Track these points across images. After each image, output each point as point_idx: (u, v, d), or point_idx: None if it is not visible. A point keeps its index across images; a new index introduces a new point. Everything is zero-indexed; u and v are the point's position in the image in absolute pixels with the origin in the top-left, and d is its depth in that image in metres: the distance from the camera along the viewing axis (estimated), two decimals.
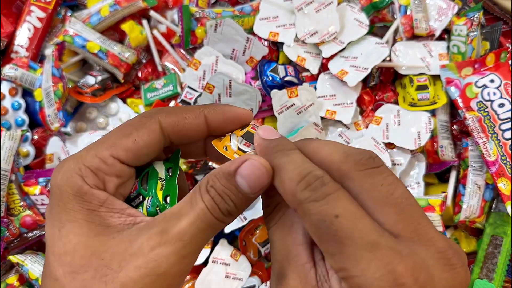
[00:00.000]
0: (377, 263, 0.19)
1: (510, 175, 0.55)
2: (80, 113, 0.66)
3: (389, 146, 0.61)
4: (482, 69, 0.59)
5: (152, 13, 0.64)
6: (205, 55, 0.61)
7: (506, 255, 0.56)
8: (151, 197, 0.25)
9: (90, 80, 0.63)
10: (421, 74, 0.61)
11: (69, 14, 0.67)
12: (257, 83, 0.61)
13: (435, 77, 0.62)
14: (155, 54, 0.65)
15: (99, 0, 0.65)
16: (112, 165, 0.24)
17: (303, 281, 0.21)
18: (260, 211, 0.57)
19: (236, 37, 0.61)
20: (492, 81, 0.58)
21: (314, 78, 0.63)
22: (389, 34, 0.62)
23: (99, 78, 0.63)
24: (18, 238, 0.57)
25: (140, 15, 0.65)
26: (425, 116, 0.60)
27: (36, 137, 0.63)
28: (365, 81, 0.62)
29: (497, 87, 0.57)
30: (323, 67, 0.62)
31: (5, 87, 0.61)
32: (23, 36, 0.64)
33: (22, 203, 0.57)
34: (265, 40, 0.62)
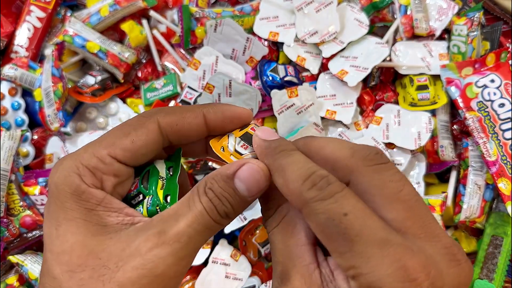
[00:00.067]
0: (388, 260, 0.18)
1: (510, 175, 0.55)
2: (79, 113, 0.66)
3: (389, 145, 0.61)
4: (482, 69, 0.59)
5: (152, 13, 0.64)
6: (205, 55, 0.61)
7: (507, 255, 0.56)
8: (151, 196, 0.25)
9: (90, 80, 0.63)
10: (421, 74, 0.61)
11: (69, 14, 0.67)
12: (257, 83, 0.61)
13: (435, 77, 0.62)
14: (155, 54, 0.65)
15: (98, 0, 0.64)
16: (110, 164, 0.24)
17: (308, 282, 0.21)
18: (260, 211, 0.56)
19: (236, 37, 0.61)
20: (492, 81, 0.58)
21: (314, 78, 0.63)
22: (389, 34, 0.62)
23: (99, 78, 0.63)
24: (18, 238, 0.57)
25: (140, 15, 0.65)
26: (425, 116, 0.60)
27: (35, 137, 0.63)
28: (365, 81, 0.62)
29: (498, 87, 0.57)
30: (323, 67, 0.62)
31: (4, 87, 0.61)
32: (23, 36, 0.64)
33: (22, 203, 0.57)
34: (265, 40, 0.62)
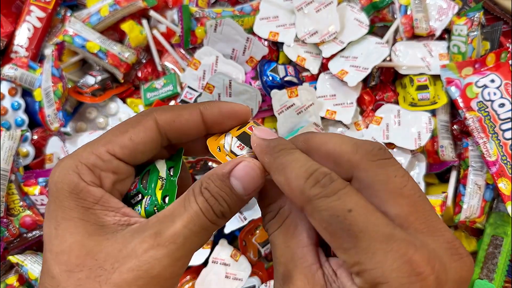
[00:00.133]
0: (394, 254, 0.19)
1: (510, 175, 0.55)
2: (79, 113, 0.66)
3: (389, 146, 0.61)
4: (482, 69, 0.59)
5: (152, 13, 0.64)
6: (205, 55, 0.61)
7: (507, 255, 0.56)
8: (150, 196, 0.25)
9: (90, 80, 0.63)
10: (421, 74, 0.61)
11: (68, 14, 0.67)
12: (257, 83, 0.61)
13: (436, 77, 0.62)
14: (155, 54, 0.65)
15: (98, 0, 0.64)
16: (108, 161, 0.24)
17: (311, 282, 0.21)
18: (260, 211, 0.56)
19: (236, 37, 0.61)
20: (492, 81, 0.58)
21: (314, 78, 0.63)
22: (389, 34, 0.62)
23: (99, 78, 0.63)
24: (17, 238, 0.57)
25: (140, 15, 0.65)
26: (425, 116, 0.60)
27: (35, 137, 0.62)
28: (365, 81, 0.62)
29: (498, 87, 0.57)
30: (323, 67, 0.62)
31: (4, 87, 0.61)
32: (22, 36, 0.64)
33: (21, 203, 0.57)
34: (265, 40, 0.62)
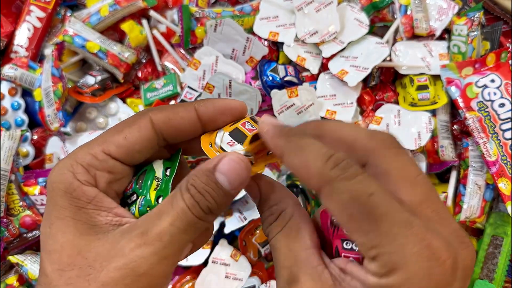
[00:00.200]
0: (414, 239, 0.19)
1: (510, 175, 0.55)
2: (79, 113, 0.66)
3: None
4: (482, 69, 0.59)
5: (152, 13, 0.64)
6: (205, 55, 0.61)
7: (507, 255, 0.56)
8: (143, 196, 0.25)
9: (90, 80, 0.63)
10: (421, 74, 0.61)
11: (68, 14, 0.67)
12: (257, 83, 0.61)
13: (436, 77, 0.62)
14: (154, 54, 0.65)
15: (98, 0, 0.64)
16: (103, 160, 0.24)
17: (318, 283, 0.21)
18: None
19: (236, 37, 0.61)
20: (492, 81, 0.58)
21: (314, 78, 0.63)
22: (389, 34, 0.62)
23: (99, 78, 0.63)
24: (17, 238, 0.57)
25: (140, 15, 0.65)
26: (425, 116, 0.60)
27: (35, 137, 0.62)
28: (365, 81, 0.62)
29: (498, 87, 0.57)
30: (323, 67, 0.62)
31: (4, 87, 0.61)
32: (22, 36, 0.64)
33: (21, 203, 0.57)
34: (265, 40, 0.62)
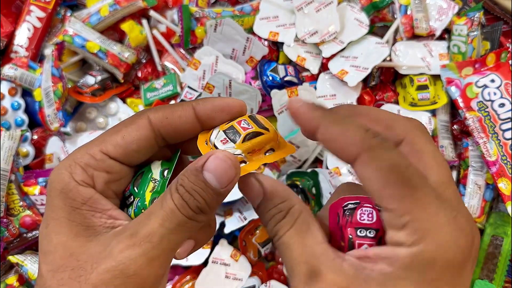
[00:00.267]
0: (444, 210, 0.20)
1: (510, 175, 0.55)
2: (79, 113, 0.66)
3: None
4: (482, 69, 0.59)
5: (152, 13, 0.64)
6: (205, 55, 0.61)
7: (507, 255, 0.56)
8: (139, 198, 0.25)
9: (90, 80, 0.63)
10: (421, 74, 0.61)
11: (68, 14, 0.67)
12: (257, 83, 0.61)
13: (436, 77, 0.62)
14: (154, 54, 0.65)
15: (98, 0, 0.64)
16: (101, 160, 0.24)
17: (341, 274, 0.21)
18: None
19: (236, 37, 0.61)
20: (492, 81, 0.58)
21: (314, 78, 0.63)
22: (389, 34, 0.62)
23: (99, 78, 0.63)
24: (17, 238, 0.57)
25: (140, 15, 0.65)
26: (425, 116, 0.60)
27: (35, 137, 0.62)
28: (365, 81, 0.62)
29: (498, 87, 0.57)
30: (323, 67, 0.62)
31: (4, 87, 0.61)
32: (22, 36, 0.64)
33: (21, 203, 0.57)
34: (265, 40, 0.62)
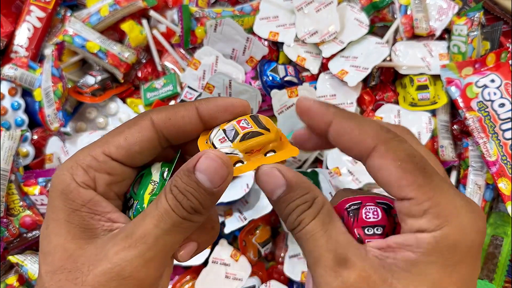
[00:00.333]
0: (459, 196, 0.22)
1: (510, 175, 0.55)
2: (79, 113, 0.66)
3: None
4: (482, 69, 0.59)
5: (152, 13, 0.64)
6: (205, 55, 0.61)
7: (507, 255, 0.56)
8: (138, 200, 0.25)
9: (90, 80, 0.63)
10: (421, 74, 0.61)
11: (68, 14, 0.67)
12: (257, 83, 0.61)
13: (436, 77, 0.62)
14: (154, 54, 0.65)
15: (98, 0, 0.64)
16: (103, 161, 0.24)
17: (367, 262, 0.22)
18: (260, 211, 0.56)
19: (236, 37, 0.61)
20: (492, 81, 0.58)
21: (314, 78, 0.63)
22: (389, 34, 0.62)
23: (99, 78, 0.63)
24: (17, 238, 0.57)
25: (140, 15, 0.65)
26: (425, 116, 0.60)
27: (35, 137, 0.62)
28: (365, 81, 0.62)
29: (498, 87, 0.57)
30: (323, 67, 0.62)
31: (4, 87, 0.61)
32: (22, 36, 0.64)
33: (21, 203, 0.57)
34: (265, 40, 0.62)
